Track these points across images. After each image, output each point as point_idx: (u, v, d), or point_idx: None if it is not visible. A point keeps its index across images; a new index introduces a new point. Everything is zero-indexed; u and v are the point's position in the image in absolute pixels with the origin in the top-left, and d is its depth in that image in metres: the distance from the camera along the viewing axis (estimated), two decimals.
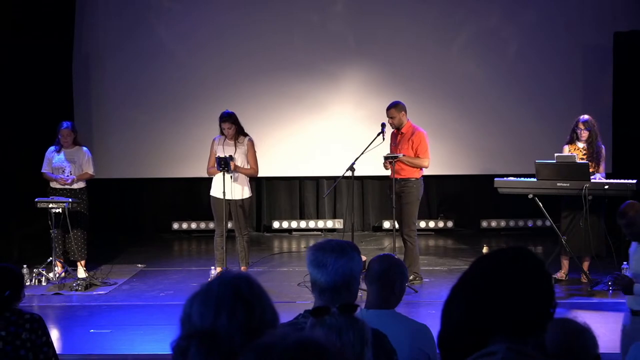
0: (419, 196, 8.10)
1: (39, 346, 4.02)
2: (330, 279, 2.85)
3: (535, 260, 1.93)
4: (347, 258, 2.88)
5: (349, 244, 2.99)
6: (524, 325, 1.87)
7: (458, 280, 1.97)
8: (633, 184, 7.76)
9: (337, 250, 2.88)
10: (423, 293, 7.85)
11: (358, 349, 2.32)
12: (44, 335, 4.05)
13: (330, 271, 2.85)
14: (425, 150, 8.03)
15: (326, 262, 2.86)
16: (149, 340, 6.37)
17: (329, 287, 2.86)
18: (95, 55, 10.96)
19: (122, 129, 10.96)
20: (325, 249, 2.90)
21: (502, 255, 1.96)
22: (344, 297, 2.88)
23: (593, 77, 10.81)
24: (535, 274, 1.91)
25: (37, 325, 4.03)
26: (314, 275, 2.89)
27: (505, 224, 11.25)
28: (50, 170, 8.52)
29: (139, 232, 11.20)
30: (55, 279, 8.34)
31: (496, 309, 1.86)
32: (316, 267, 2.88)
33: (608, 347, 5.74)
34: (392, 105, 8.08)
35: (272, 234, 11.33)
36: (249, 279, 2.01)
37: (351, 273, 2.88)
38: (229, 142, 8.15)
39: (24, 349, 3.97)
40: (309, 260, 2.90)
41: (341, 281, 2.86)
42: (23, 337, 3.98)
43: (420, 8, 10.84)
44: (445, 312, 1.96)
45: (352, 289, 2.90)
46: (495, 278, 1.90)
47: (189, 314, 1.96)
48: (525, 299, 1.87)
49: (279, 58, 10.85)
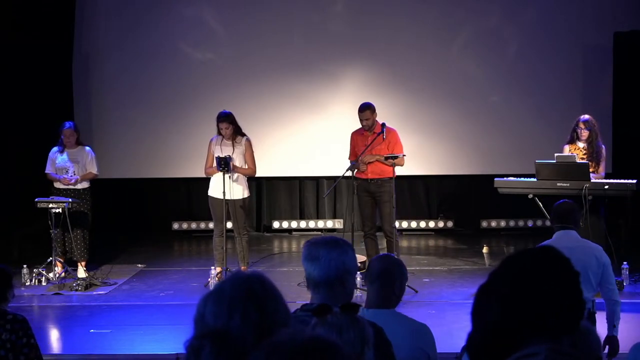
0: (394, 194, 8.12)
1: (20, 347, 3.99)
2: (323, 273, 2.86)
3: (565, 259, 1.92)
4: (339, 251, 2.89)
5: (343, 239, 3.00)
6: (559, 324, 1.85)
7: (488, 280, 1.93)
8: (633, 184, 7.76)
9: (330, 244, 2.90)
10: (423, 293, 7.86)
11: (358, 348, 2.32)
12: (25, 336, 4.02)
13: (323, 264, 2.86)
14: (402, 148, 8.09)
15: (319, 255, 2.88)
16: (149, 340, 6.38)
17: (322, 281, 2.86)
18: (95, 55, 10.96)
19: (122, 129, 10.95)
20: (318, 243, 2.92)
21: (534, 254, 1.94)
22: (339, 292, 2.88)
23: (593, 77, 10.80)
24: (567, 272, 1.90)
25: (18, 325, 4.01)
26: (308, 269, 2.90)
27: (505, 224, 11.24)
28: (54, 170, 8.52)
29: (139, 232, 11.20)
30: (55, 279, 8.34)
31: (533, 309, 1.84)
32: (309, 261, 2.89)
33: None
34: (366, 106, 8.07)
35: (272, 234, 11.32)
36: (262, 278, 2.01)
37: (344, 267, 2.88)
38: (226, 142, 8.15)
39: (4, 349, 3.95)
40: (304, 256, 2.92)
41: (334, 275, 2.86)
42: (3, 337, 3.96)
43: (420, 8, 10.83)
44: (477, 314, 1.92)
45: (346, 284, 2.90)
46: (531, 277, 1.87)
47: (202, 314, 1.97)
48: (560, 297, 1.85)
49: (279, 58, 10.85)
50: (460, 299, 7.59)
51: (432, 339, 3.53)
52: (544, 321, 1.84)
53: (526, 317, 1.84)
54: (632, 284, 7.89)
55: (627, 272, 7.87)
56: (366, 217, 8.22)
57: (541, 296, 1.85)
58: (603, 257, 5.01)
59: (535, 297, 1.85)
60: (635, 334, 5.86)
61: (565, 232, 5.06)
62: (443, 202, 11.46)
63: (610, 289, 5.03)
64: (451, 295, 7.84)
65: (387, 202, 8.05)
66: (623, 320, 5.20)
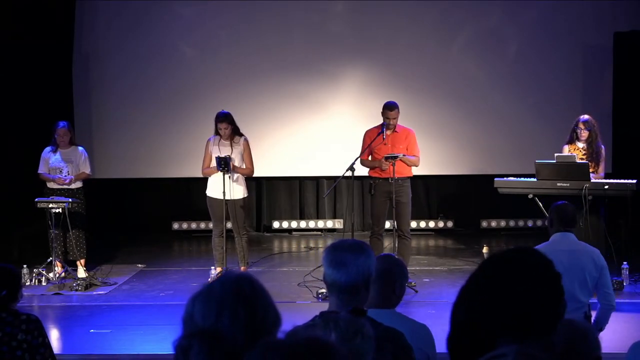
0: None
1: (35, 347, 4.00)
2: (350, 279, 2.79)
3: (542, 260, 1.92)
4: (365, 256, 2.83)
5: (365, 243, 2.94)
6: (532, 325, 1.85)
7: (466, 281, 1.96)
8: (633, 184, 7.76)
9: (356, 249, 2.83)
10: (423, 293, 7.85)
11: (363, 353, 2.32)
12: (40, 336, 4.03)
13: (351, 270, 2.79)
14: (418, 149, 8.12)
15: (345, 261, 2.80)
16: (149, 340, 6.37)
17: (349, 287, 2.79)
18: (95, 55, 10.96)
19: (122, 129, 10.96)
20: (343, 248, 2.84)
21: (507, 255, 1.95)
22: (363, 297, 2.83)
23: (593, 77, 10.81)
24: (542, 273, 1.89)
25: (33, 326, 4.02)
26: (333, 276, 2.81)
27: (505, 224, 11.25)
28: (47, 170, 8.51)
29: (139, 232, 11.19)
30: (55, 279, 8.34)
31: (500, 309, 1.84)
32: (335, 267, 2.81)
33: (608, 347, 5.75)
34: (396, 105, 8.00)
35: (272, 234, 11.32)
36: (251, 279, 2.01)
37: (369, 272, 2.83)
38: (224, 143, 8.14)
39: (20, 349, 3.96)
40: (328, 261, 2.83)
41: (362, 280, 2.80)
42: (19, 338, 3.97)
43: (420, 8, 10.83)
44: (452, 313, 1.95)
45: (369, 289, 2.85)
46: (499, 277, 1.88)
47: (191, 314, 1.97)
48: (532, 298, 1.85)
49: (279, 58, 10.85)
50: None
51: (431, 339, 3.53)
52: (513, 322, 1.84)
53: (492, 317, 1.85)
54: (632, 284, 7.89)
55: (627, 272, 7.87)
56: (380, 217, 8.09)
57: (508, 296, 1.85)
58: (601, 260, 4.97)
59: (501, 297, 1.85)
60: (636, 334, 5.86)
61: (563, 234, 5.01)
62: (443, 202, 11.46)
63: (607, 293, 4.95)
64: (451, 295, 7.74)
65: (406, 203, 8.04)
66: (623, 320, 5.21)
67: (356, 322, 2.31)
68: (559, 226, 5.02)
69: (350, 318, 2.33)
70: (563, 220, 5.02)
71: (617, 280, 7.71)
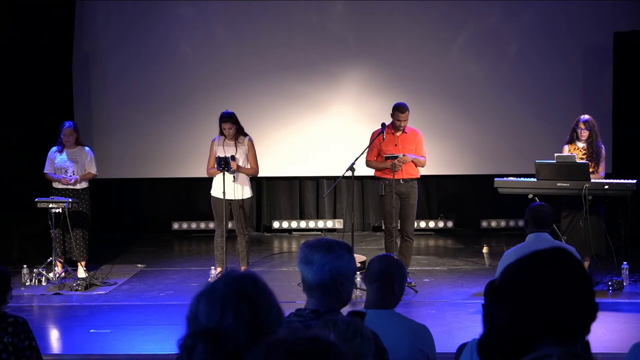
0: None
1: (22, 350, 3.98)
2: (317, 277, 2.82)
3: (577, 261, 1.92)
4: (333, 255, 2.83)
5: (340, 243, 2.93)
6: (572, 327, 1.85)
7: (499, 283, 1.93)
8: (633, 184, 7.76)
9: (325, 248, 2.85)
10: (423, 293, 7.86)
11: (363, 353, 2.32)
12: (27, 339, 4.01)
13: (317, 268, 2.82)
14: (426, 150, 8.19)
15: (313, 259, 2.83)
16: (149, 340, 6.38)
17: (316, 284, 2.83)
18: (95, 55, 10.96)
19: (122, 129, 10.96)
20: (313, 247, 2.87)
21: (546, 256, 1.94)
22: (333, 297, 2.85)
23: (593, 77, 10.81)
24: (579, 274, 1.90)
25: (19, 329, 4.00)
26: (303, 272, 2.87)
27: (505, 224, 11.25)
28: (53, 170, 8.52)
29: (139, 232, 11.20)
30: (55, 279, 8.35)
31: (545, 312, 1.84)
32: (304, 265, 2.86)
33: (608, 347, 5.75)
34: (406, 107, 8.00)
35: (272, 234, 11.33)
36: (254, 277, 2.02)
37: (339, 272, 2.83)
38: (229, 143, 8.16)
39: (6, 352, 3.94)
40: (299, 258, 2.89)
41: (329, 279, 2.82)
42: (5, 340, 3.95)
43: (420, 8, 10.83)
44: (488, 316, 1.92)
45: (342, 289, 2.85)
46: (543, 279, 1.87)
47: (195, 313, 1.98)
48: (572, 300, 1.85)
49: (279, 58, 10.85)
50: (460, 299, 7.60)
51: (431, 339, 3.53)
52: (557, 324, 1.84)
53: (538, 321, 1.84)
54: (632, 284, 7.88)
55: (627, 272, 7.87)
56: (393, 214, 7.96)
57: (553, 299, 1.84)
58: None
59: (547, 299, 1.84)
60: (636, 334, 5.86)
61: (537, 234, 5.12)
62: (443, 202, 11.47)
63: None
64: (451, 295, 7.84)
65: (413, 205, 8.09)
66: (623, 320, 5.20)
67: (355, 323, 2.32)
68: (533, 227, 5.15)
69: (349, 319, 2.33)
70: (537, 221, 5.13)
71: (617, 280, 7.71)
